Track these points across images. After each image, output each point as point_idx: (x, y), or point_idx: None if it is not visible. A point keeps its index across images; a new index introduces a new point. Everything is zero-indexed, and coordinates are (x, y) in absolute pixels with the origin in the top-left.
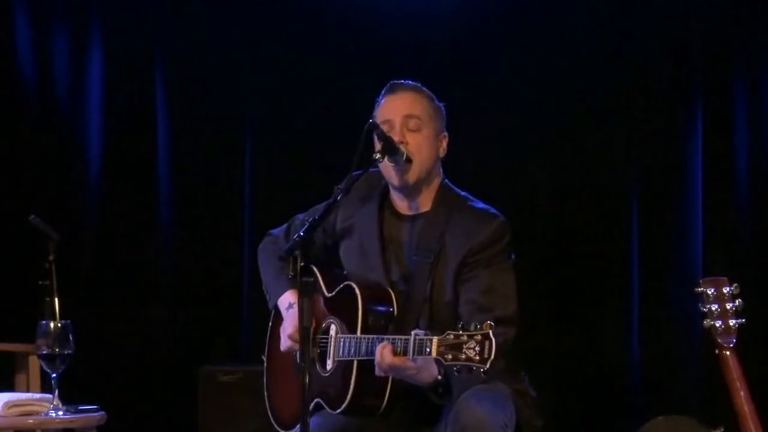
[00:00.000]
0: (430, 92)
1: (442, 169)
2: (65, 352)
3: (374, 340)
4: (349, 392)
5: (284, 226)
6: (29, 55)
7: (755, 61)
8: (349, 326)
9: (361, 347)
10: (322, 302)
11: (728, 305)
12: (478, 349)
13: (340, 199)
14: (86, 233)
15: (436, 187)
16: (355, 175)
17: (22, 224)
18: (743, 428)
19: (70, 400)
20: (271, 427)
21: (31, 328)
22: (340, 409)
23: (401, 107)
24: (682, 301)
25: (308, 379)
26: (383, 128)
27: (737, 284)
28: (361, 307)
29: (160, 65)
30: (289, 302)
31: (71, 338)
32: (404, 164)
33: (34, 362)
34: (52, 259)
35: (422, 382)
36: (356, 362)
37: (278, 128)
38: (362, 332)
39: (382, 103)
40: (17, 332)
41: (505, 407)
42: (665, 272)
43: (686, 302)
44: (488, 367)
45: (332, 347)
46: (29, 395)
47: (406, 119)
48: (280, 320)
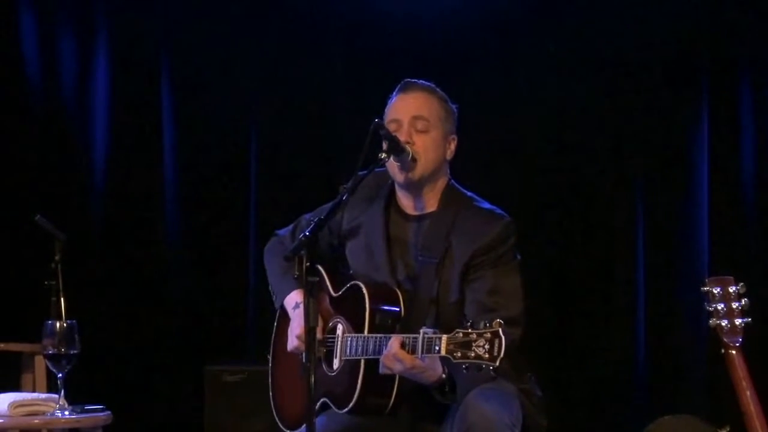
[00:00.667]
0: (443, 93)
1: (449, 170)
2: (71, 352)
3: (382, 339)
4: (356, 391)
5: (291, 226)
6: (35, 56)
7: (761, 60)
8: (356, 325)
9: (368, 346)
10: (328, 302)
11: (734, 304)
12: (487, 347)
13: (346, 198)
14: (92, 233)
15: (442, 187)
16: (361, 174)
17: (28, 224)
18: (749, 427)
19: (76, 400)
20: (276, 426)
21: (37, 328)
22: (346, 408)
23: (411, 108)
24: (687, 300)
25: (314, 378)
26: (391, 127)
27: (743, 283)
28: (368, 306)
29: (165, 67)
30: (295, 302)
31: (77, 338)
32: (409, 163)
33: (40, 362)
34: (58, 259)
35: (427, 380)
36: (363, 361)
37: (284, 129)
38: (369, 331)
39: (393, 101)
40: (23, 332)
41: (511, 407)
42: (671, 272)
43: (692, 301)
44: (497, 364)
45: (339, 347)
46: (35, 395)
47: (414, 120)
48: (285, 320)
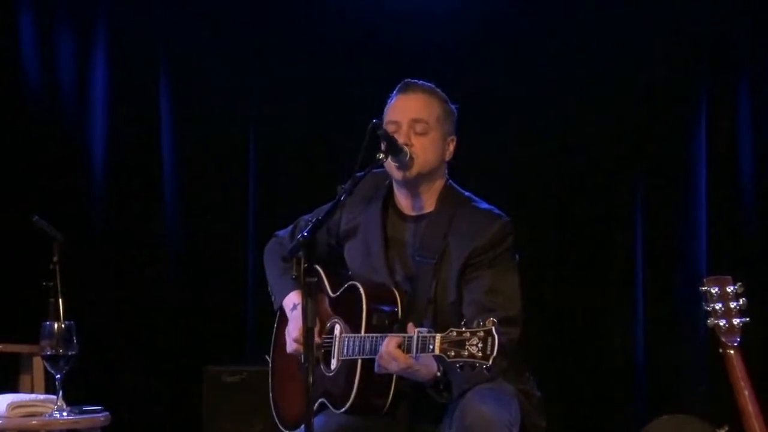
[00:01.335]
0: (443, 94)
1: (447, 171)
2: (69, 353)
3: (378, 339)
4: (352, 391)
5: (290, 227)
6: (34, 56)
7: (760, 59)
8: (353, 326)
9: (365, 346)
10: (326, 302)
11: (732, 304)
12: (480, 345)
13: (343, 199)
14: (90, 234)
15: (440, 187)
16: (358, 175)
17: (26, 225)
18: (748, 427)
19: (74, 401)
20: (275, 427)
21: (35, 329)
22: (343, 408)
23: (411, 110)
24: (686, 300)
25: (312, 379)
26: (390, 128)
27: (741, 283)
28: (365, 306)
29: (164, 67)
30: (293, 303)
31: (75, 339)
32: (407, 162)
33: (38, 363)
34: (56, 260)
35: (423, 378)
36: (360, 361)
37: (283, 130)
38: (366, 332)
39: (393, 101)
40: (21, 333)
41: (510, 407)
42: (669, 271)
43: (690, 301)
44: (491, 363)
45: (336, 347)
46: (33, 396)
47: (413, 123)
48: (285, 321)
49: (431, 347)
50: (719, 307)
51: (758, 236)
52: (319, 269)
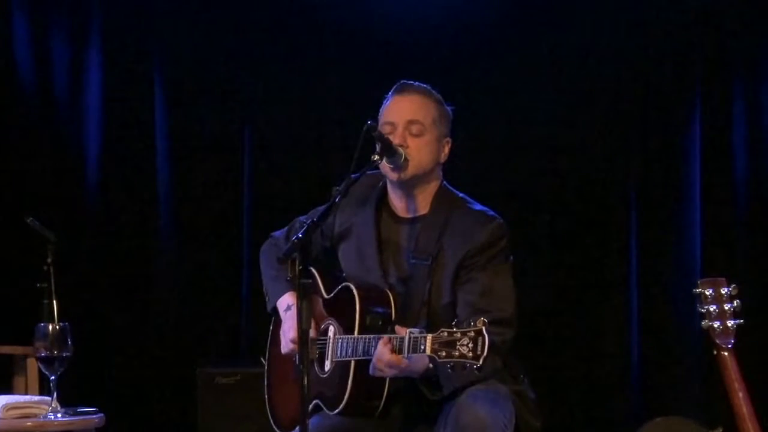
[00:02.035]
0: (438, 96)
1: (442, 172)
2: (63, 354)
3: (371, 340)
4: (346, 393)
5: (285, 228)
6: (27, 56)
7: (754, 61)
8: (347, 327)
9: (358, 347)
10: (321, 304)
11: (726, 306)
12: (471, 345)
13: (338, 201)
14: (84, 235)
15: (434, 189)
16: (353, 177)
17: (20, 227)
18: (742, 429)
19: (68, 402)
20: (270, 428)
21: (29, 330)
22: (337, 409)
23: (406, 111)
24: (680, 302)
25: (307, 380)
26: (386, 129)
27: (735, 285)
28: (359, 308)
29: (158, 68)
30: (287, 304)
31: (69, 340)
32: (402, 164)
33: (32, 364)
34: (50, 261)
35: (416, 374)
36: (353, 363)
37: (278, 130)
38: (360, 333)
39: (388, 102)
40: (15, 334)
41: (504, 408)
42: (664, 273)
43: (685, 303)
44: (481, 363)
45: (330, 348)
46: (27, 398)
47: (409, 124)
48: (279, 323)
49: (422, 348)
50: (713, 309)
51: (752, 238)
52: (313, 271)
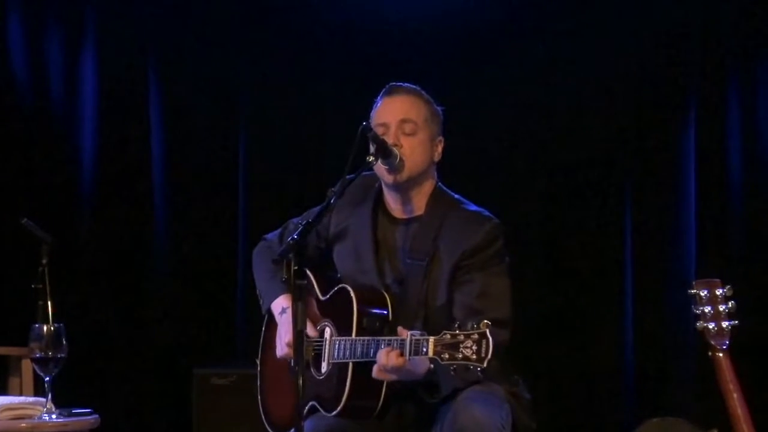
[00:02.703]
0: (428, 96)
1: (436, 172)
2: (58, 355)
3: (369, 341)
4: (344, 395)
5: (279, 230)
6: (22, 56)
7: (749, 64)
8: (343, 329)
9: (356, 349)
10: (316, 305)
11: (721, 307)
12: (475, 348)
13: (333, 202)
14: (80, 236)
15: (429, 190)
16: (348, 178)
17: (15, 227)
18: (736, 430)
19: (63, 403)
20: (264, 430)
21: (24, 331)
22: (335, 411)
23: (398, 111)
24: (675, 303)
25: (302, 382)
26: (379, 130)
27: (730, 286)
28: (356, 309)
29: (153, 67)
30: (282, 307)
31: (64, 341)
32: (397, 165)
33: (27, 365)
34: (45, 262)
35: (418, 375)
36: (351, 364)
37: (273, 132)
38: (357, 334)
39: (379, 105)
40: (10, 335)
41: (501, 409)
42: (658, 274)
43: (679, 304)
44: (486, 365)
45: (327, 350)
46: (22, 399)
47: (401, 123)
48: (273, 324)
49: (425, 350)
50: (708, 310)
51: (747, 239)
52: (308, 272)
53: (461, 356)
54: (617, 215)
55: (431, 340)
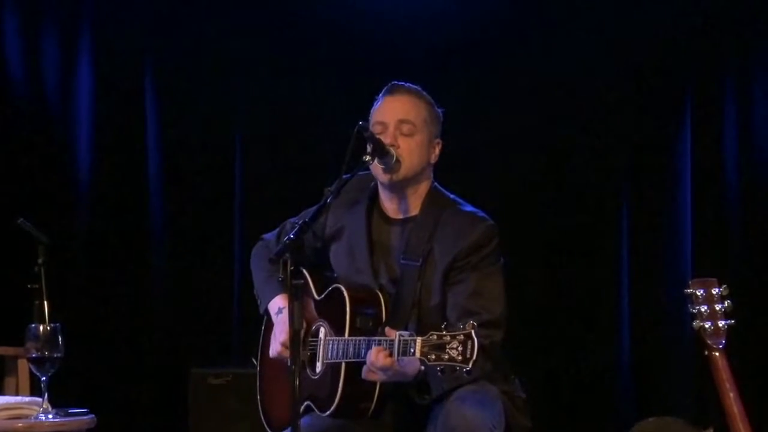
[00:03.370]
0: (429, 97)
1: (433, 173)
2: (54, 355)
3: (361, 341)
4: (337, 395)
5: (276, 230)
6: (18, 60)
7: (744, 63)
8: (337, 329)
9: (348, 349)
10: (312, 305)
11: (717, 306)
12: (460, 349)
13: (329, 201)
14: (76, 236)
15: (425, 190)
16: (345, 177)
17: (11, 228)
18: (733, 429)
19: (59, 403)
20: (261, 429)
21: (20, 331)
22: (328, 411)
23: (397, 111)
24: (671, 302)
25: (298, 382)
26: (377, 129)
27: (726, 285)
28: (348, 309)
29: (149, 71)
30: (278, 307)
31: (61, 341)
32: (393, 165)
33: (23, 365)
34: (41, 262)
35: (408, 376)
36: (344, 364)
37: (269, 133)
38: (350, 334)
39: (379, 103)
40: (6, 335)
41: (493, 408)
42: (655, 274)
43: (676, 303)
44: (470, 367)
45: (321, 350)
46: (18, 399)
47: (400, 123)
48: (271, 324)
49: (412, 351)
50: (704, 309)
51: (743, 238)
52: (304, 272)
53: (447, 357)
54: (614, 215)
55: (418, 340)
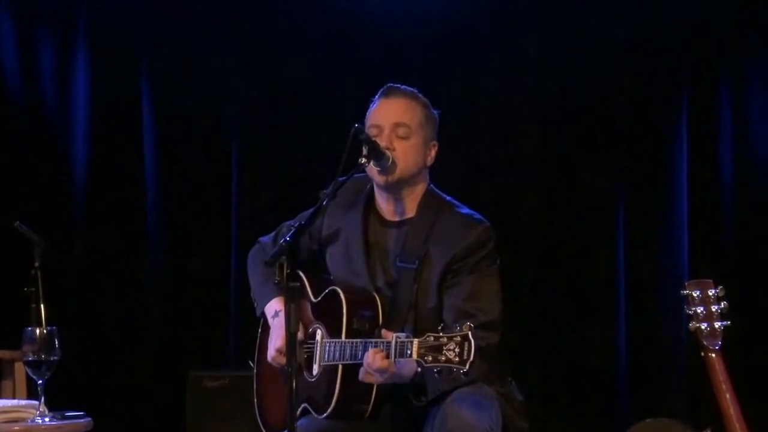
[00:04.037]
0: (425, 100)
1: (429, 176)
2: (51, 358)
3: (357, 344)
4: (334, 397)
5: (273, 233)
6: (14, 61)
7: (740, 67)
8: (334, 331)
9: (345, 351)
10: (308, 308)
11: (713, 307)
12: (457, 350)
13: (325, 204)
14: (72, 239)
15: (421, 193)
16: (340, 180)
17: (7, 231)
18: (729, 430)
19: (56, 406)
20: (258, 431)
21: (17, 334)
22: (325, 413)
23: (393, 114)
24: (667, 303)
25: (295, 384)
26: (372, 132)
27: (722, 286)
28: (345, 311)
29: (146, 72)
30: (275, 310)
31: (57, 344)
32: (389, 167)
33: (20, 369)
34: (37, 265)
35: (405, 378)
36: (341, 367)
37: (265, 135)
38: (347, 337)
39: (375, 105)
40: (3, 339)
41: (490, 410)
42: (651, 275)
43: (672, 305)
44: (467, 368)
45: (318, 352)
46: (15, 402)
47: (395, 126)
48: (268, 327)
49: (409, 352)
50: (701, 310)
51: (739, 240)
52: (301, 274)
53: (444, 358)
54: (610, 216)
55: (415, 342)
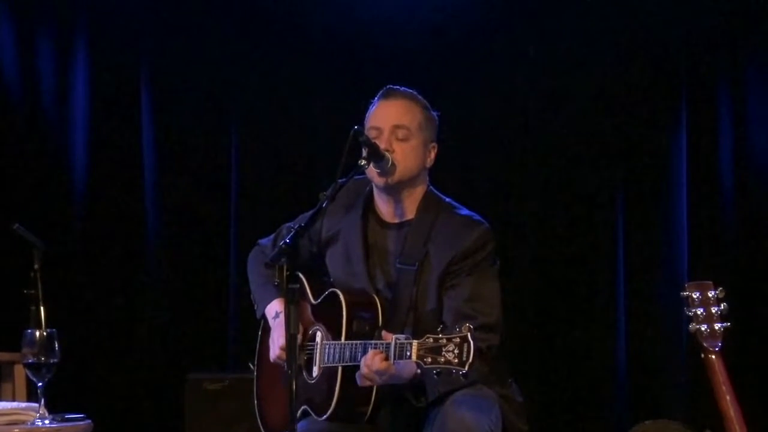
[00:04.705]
0: (424, 101)
1: (428, 177)
2: (51, 360)
3: (357, 345)
4: (334, 399)
5: (272, 235)
6: (14, 63)
7: (739, 63)
8: (334, 333)
9: (345, 353)
10: (308, 309)
11: (713, 309)
12: (456, 351)
13: (325, 206)
14: (72, 242)
15: (420, 194)
16: (340, 182)
17: (6, 233)
18: (729, 431)
19: (56, 409)
20: None
21: (16, 337)
22: (325, 415)
23: (392, 116)
24: (667, 305)
25: (295, 386)
26: (372, 134)
27: (722, 288)
28: (345, 313)
29: (145, 73)
30: (276, 311)
31: (57, 347)
32: (389, 168)
33: (19, 371)
34: (37, 267)
35: (404, 379)
36: (340, 369)
37: (265, 137)
38: (347, 339)
39: (375, 107)
40: (2, 341)
41: (490, 412)
42: (651, 277)
43: (672, 306)
44: (467, 369)
45: (318, 354)
46: (15, 404)
47: (395, 129)
48: (268, 329)
49: (408, 354)
50: (701, 312)
51: (739, 241)
52: (301, 276)
53: (443, 360)
54: (610, 217)
55: (415, 343)
